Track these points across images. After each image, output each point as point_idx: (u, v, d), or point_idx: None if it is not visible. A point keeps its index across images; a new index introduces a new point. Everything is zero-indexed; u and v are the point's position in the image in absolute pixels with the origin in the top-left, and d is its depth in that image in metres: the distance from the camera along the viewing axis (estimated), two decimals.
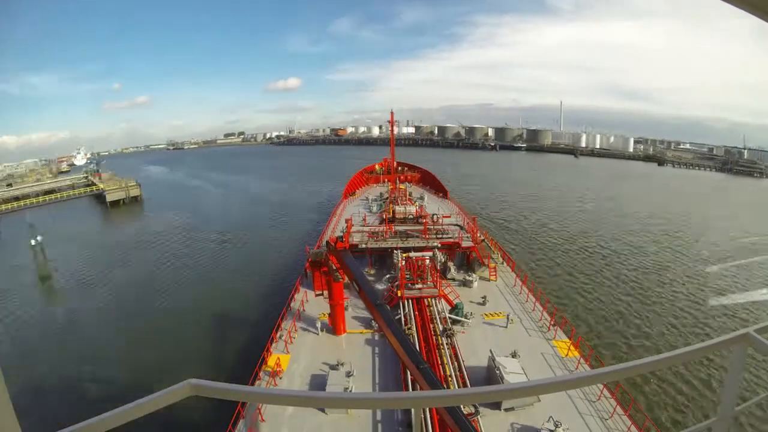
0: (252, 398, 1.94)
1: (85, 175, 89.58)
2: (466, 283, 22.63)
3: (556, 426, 11.80)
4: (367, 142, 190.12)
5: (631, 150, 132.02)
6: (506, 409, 12.85)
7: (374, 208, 38.31)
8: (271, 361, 15.84)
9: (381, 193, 44.57)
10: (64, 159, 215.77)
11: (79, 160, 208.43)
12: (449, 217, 30.52)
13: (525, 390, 1.74)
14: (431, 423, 11.65)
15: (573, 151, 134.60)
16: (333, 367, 15.19)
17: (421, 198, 41.21)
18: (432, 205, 38.84)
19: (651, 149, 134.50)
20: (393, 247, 24.83)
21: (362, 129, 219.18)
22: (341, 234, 25.63)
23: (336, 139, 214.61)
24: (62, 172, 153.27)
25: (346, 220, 29.22)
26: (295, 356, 16.54)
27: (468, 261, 24.94)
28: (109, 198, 67.15)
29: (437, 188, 48.42)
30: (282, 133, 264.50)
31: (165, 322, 26.34)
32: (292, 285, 23.63)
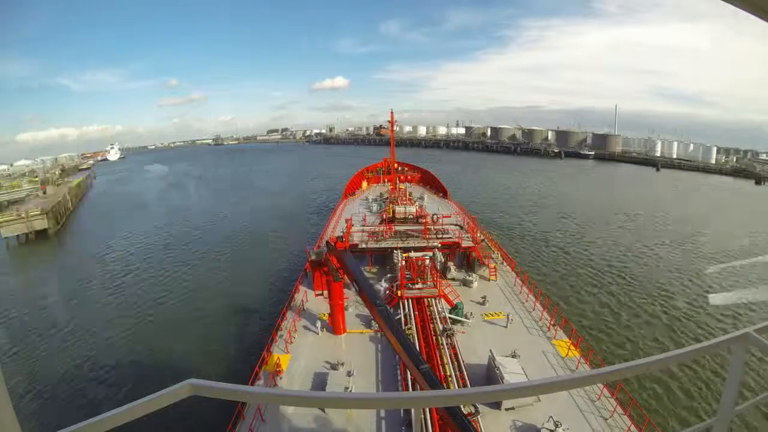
0: (252, 398, 1.94)
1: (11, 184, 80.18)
2: (466, 283, 22.62)
3: (556, 426, 11.80)
4: (410, 143, 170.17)
5: (713, 162, 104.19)
6: (506, 409, 12.85)
7: (374, 208, 38.32)
8: (271, 361, 15.83)
9: (381, 193, 44.57)
10: (90, 155, 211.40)
11: (112, 156, 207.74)
12: (449, 217, 30.52)
13: (525, 390, 1.74)
14: (431, 423, 11.65)
15: (649, 161, 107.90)
16: (333, 367, 15.20)
17: (421, 198, 41.20)
18: (432, 205, 38.84)
19: (734, 160, 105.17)
20: (393, 247, 24.82)
21: (407, 128, 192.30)
22: (341, 234, 25.63)
23: (378, 139, 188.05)
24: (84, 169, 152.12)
25: (346, 220, 29.22)
26: (295, 356, 16.53)
27: (468, 261, 24.93)
28: (3, 233, 47.42)
29: (437, 188, 48.43)
30: (321, 131, 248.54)
31: (165, 322, 26.37)
32: (292, 285, 23.64)
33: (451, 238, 25.34)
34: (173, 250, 42.51)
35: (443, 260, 24.43)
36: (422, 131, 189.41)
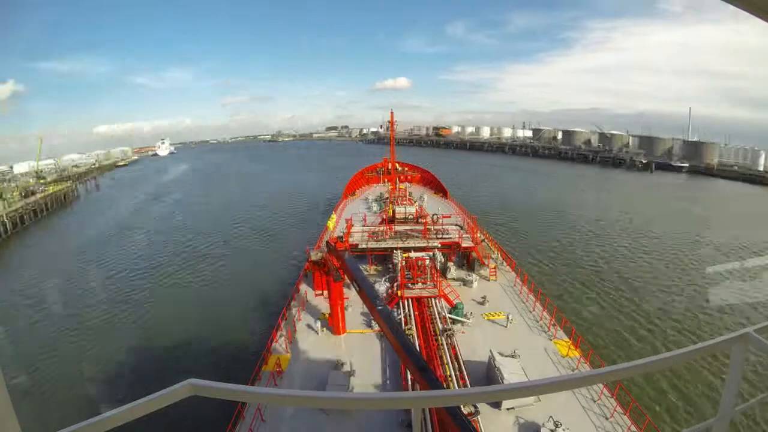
0: (252, 398, 1.94)
1: None
2: (466, 283, 22.63)
3: (556, 426, 11.80)
4: (471, 146, 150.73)
5: None
6: (506, 409, 12.85)
7: (374, 208, 38.32)
8: (271, 361, 15.84)
9: (381, 193, 44.58)
10: (139, 150, 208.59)
11: (162, 151, 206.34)
12: (449, 217, 30.52)
13: (525, 390, 1.74)
14: (431, 423, 11.64)
15: (755, 177, 79.27)
16: (333, 367, 15.20)
17: (421, 198, 41.20)
18: (432, 205, 38.84)
19: None
20: (393, 247, 24.83)
21: (470, 129, 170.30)
22: (341, 234, 25.63)
23: (437, 140, 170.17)
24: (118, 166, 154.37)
25: (346, 220, 29.21)
26: (295, 356, 16.54)
27: (468, 261, 24.94)
28: None
29: (437, 188, 48.43)
30: (376, 130, 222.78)
31: (164, 322, 26.37)
32: (292, 285, 23.64)
33: (451, 238, 25.34)
34: (166, 256, 42.50)
35: (443, 260, 24.44)
36: (485, 133, 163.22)
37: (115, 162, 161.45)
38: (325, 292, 18.86)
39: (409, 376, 13.88)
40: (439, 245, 24.60)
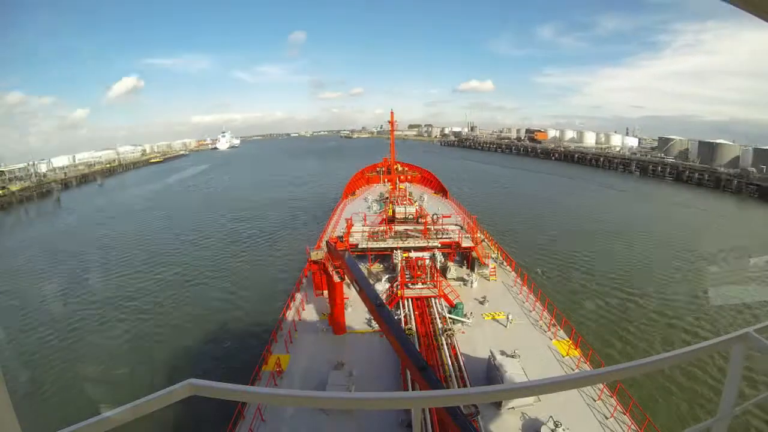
0: (252, 398, 1.95)
1: None
2: (466, 283, 22.64)
3: (556, 426, 11.80)
4: (571, 157, 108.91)
5: None
6: (506, 409, 12.85)
7: (374, 208, 38.32)
8: (271, 361, 15.83)
9: (381, 193, 44.58)
10: (200, 143, 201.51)
11: (222, 144, 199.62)
12: (449, 217, 30.52)
13: (525, 390, 1.75)
14: (431, 423, 11.64)
15: None
16: (333, 367, 15.19)
17: (421, 198, 41.21)
18: (432, 205, 38.84)
19: None
20: (393, 247, 24.84)
21: (570, 134, 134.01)
22: (341, 234, 25.63)
23: (532, 147, 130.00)
24: (154, 162, 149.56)
25: (346, 220, 29.22)
26: (295, 356, 16.53)
27: (468, 261, 24.95)
28: None
29: (437, 188, 48.43)
30: (458, 130, 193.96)
31: (164, 321, 26.37)
32: (292, 285, 23.64)
33: (451, 238, 25.35)
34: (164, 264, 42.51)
35: (443, 260, 24.45)
36: (590, 140, 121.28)
37: (149, 158, 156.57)
38: (325, 292, 18.85)
39: (409, 376, 13.89)
40: (439, 245, 24.60)
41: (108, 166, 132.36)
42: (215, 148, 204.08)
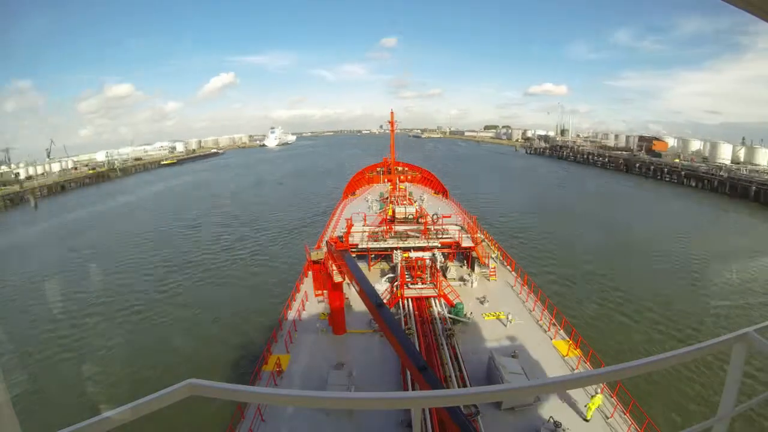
0: (252, 398, 1.95)
1: None
2: (466, 283, 22.64)
3: (556, 426, 11.80)
4: (704, 181, 70.46)
5: None
6: (506, 409, 12.85)
7: (374, 208, 38.31)
8: (271, 361, 15.83)
9: (381, 193, 44.57)
10: (248, 139, 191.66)
11: (271, 142, 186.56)
12: (449, 217, 30.53)
13: (525, 390, 1.74)
14: (431, 423, 11.64)
15: None
16: (333, 367, 15.19)
17: (421, 198, 41.20)
18: (432, 205, 38.83)
19: None
20: (393, 247, 24.83)
21: (696, 145, 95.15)
22: (341, 234, 25.63)
23: (650, 164, 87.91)
24: (199, 157, 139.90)
25: (346, 220, 29.22)
26: (295, 356, 16.53)
27: (468, 261, 24.95)
28: None
29: (437, 188, 48.42)
30: (548, 133, 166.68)
31: (163, 321, 26.36)
32: (292, 285, 23.64)
33: (451, 238, 25.34)
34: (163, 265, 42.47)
35: (443, 260, 24.45)
36: (724, 153, 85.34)
37: (160, 159, 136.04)
38: (325, 292, 18.86)
39: (409, 376, 13.88)
40: (439, 245, 24.60)
41: (102, 170, 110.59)
42: (263, 146, 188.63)
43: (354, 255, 19.91)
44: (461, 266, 24.93)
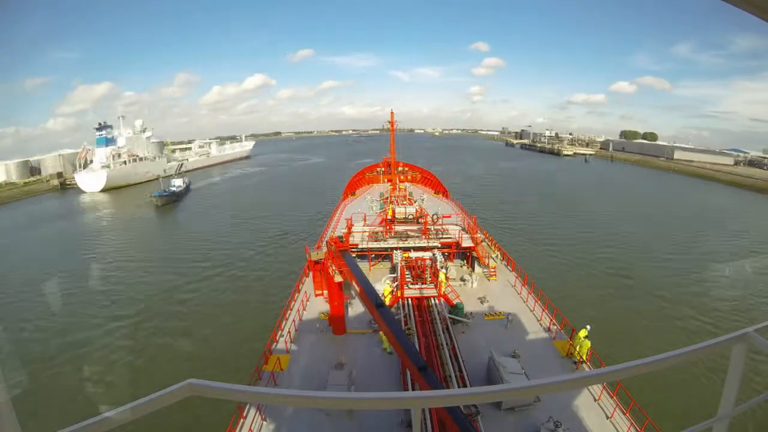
0: (252, 398, 1.95)
1: None
2: (466, 283, 22.63)
3: (556, 426, 11.79)
4: None
5: None
6: (506, 409, 12.84)
7: (374, 208, 38.30)
8: (271, 361, 15.83)
9: (381, 193, 44.56)
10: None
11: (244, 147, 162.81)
12: (449, 217, 30.51)
13: (525, 390, 1.75)
14: (431, 423, 11.64)
15: None
16: (333, 367, 15.19)
17: (421, 198, 41.18)
18: (432, 205, 38.82)
19: None
20: (393, 247, 24.82)
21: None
22: (341, 234, 25.63)
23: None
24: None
25: (346, 220, 29.21)
26: (295, 356, 16.53)
27: (468, 261, 24.94)
28: None
29: (437, 188, 48.41)
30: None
31: (163, 321, 26.36)
32: (292, 285, 23.63)
33: (451, 238, 25.33)
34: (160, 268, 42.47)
35: (443, 260, 24.45)
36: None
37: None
38: (325, 292, 18.84)
39: (409, 376, 13.88)
40: (439, 245, 24.58)
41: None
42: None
43: (354, 255, 19.90)
44: (461, 266, 24.93)
